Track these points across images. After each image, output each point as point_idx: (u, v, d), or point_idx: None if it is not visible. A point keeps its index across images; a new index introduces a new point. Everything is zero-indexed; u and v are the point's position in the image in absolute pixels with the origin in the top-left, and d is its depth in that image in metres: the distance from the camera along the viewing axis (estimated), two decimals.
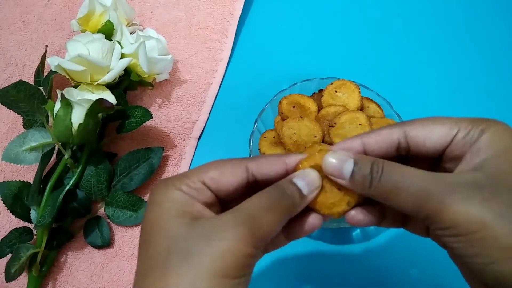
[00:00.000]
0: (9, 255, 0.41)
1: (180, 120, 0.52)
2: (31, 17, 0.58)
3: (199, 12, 0.59)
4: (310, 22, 0.59)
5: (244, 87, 0.54)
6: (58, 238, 0.43)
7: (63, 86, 0.46)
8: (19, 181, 0.44)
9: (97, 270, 0.44)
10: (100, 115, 0.44)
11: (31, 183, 0.43)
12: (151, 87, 0.53)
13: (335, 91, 0.44)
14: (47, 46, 0.51)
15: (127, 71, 0.48)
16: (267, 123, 0.47)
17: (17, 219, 0.44)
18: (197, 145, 0.51)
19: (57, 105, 0.43)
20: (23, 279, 0.43)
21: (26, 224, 0.44)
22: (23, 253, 0.40)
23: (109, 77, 0.44)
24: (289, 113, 0.43)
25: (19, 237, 0.43)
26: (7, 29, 0.58)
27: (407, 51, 0.56)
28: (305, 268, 0.44)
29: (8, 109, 0.44)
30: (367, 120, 0.41)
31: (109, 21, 0.48)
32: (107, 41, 0.47)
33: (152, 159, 0.46)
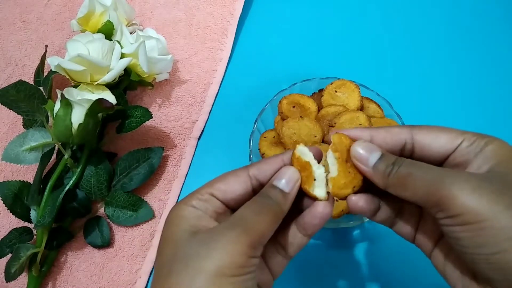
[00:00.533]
0: (9, 255, 0.41)
1: (180, 120, 0.52)
2: (31, 17, 0.58)
3: (199, 12, 0.59)
4: (310, 22, 0.59)
5: (244, 87, 0.54)
6: (58, 238, 0.43)
7: (63, 86, 0.46)
8: (19, 181, 0.44)
9: (97, 270, 0.44)
10: (100, 115, 0.44)
11: (31, 183, 0.43)
12: (151, 87, 0.53)
13: (335, 91, 0.44)
14: (47, 46, 0.51)
15: (127, 71, 0.48)
16: (267, 123, 0.47)
17: (17, 219, 0.44)
18: (197, 145, 0.51)
19: (57, 105, 0.43)
20: (23, 279, 0.43)
21: (26, 224, 0.44)
22: (23, 253, 0.40)
23: (109, 77, 0.44)
24: (289, 113, 0.43)
25: (19, 237, 0.43)
26: (7, 29, 0.58)
27: (407, 51, 0.56)
28: (305, 268, 0.44)
29: (8, 109, 0.44)
30: (367, 120, 0.41)
31: (109, 21, 0.48)
32: (107, 41, 0.47)
33: (152, 159, 0.46)
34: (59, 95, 0.43)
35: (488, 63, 0.55)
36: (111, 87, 0.46)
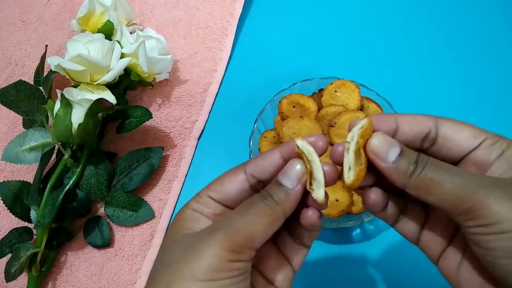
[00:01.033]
0: (9, 255, 0.41)
1: (180, 120, 0.52)
2: (31, 17, 0.58)
3: (199, 12, 0.59)
4: (310, 22, 0.59)
5: (244, 87, 0.54)
6: (58, 238, 0.43)
7: (63, 86, 0.46)
8: (19, 181, 0.44)
9: (97, 270, 0.44)
10: (100, 115, 0.44)
11: (31, 183, 0.43)
12: (151, 87, 0.53)
13: (335, 91, 0.44)
14: (47, 46, 0.51)
15: (127, 71, 0.48)
16: (267, 123, 0.47)
17: (17, 219, 0.44)
18: (197, 145, 0.51)
19: (57, 105, 0.43)
20: (23, 279, 0.43)
21: (26, 224, 0.44)
22: (23, 253, 0.40)
23: (109, 77, 0.44)
24: (289, 113, 0.43)
25: (19, 237, 0.43)
26: (7, 29, 0.58)
27: (407, 51, 0.56)
28: (304, 267, 0.44)
29: (8, 109, 0.44)
30: None
31: (109, 21, 0.48)
32: (107, 41, 0.47)
33: (152, 159, 0.46)
34: (59, 95, 0.43)
35: (488, 63, 0.55)
36: (111, 87, 0.46)
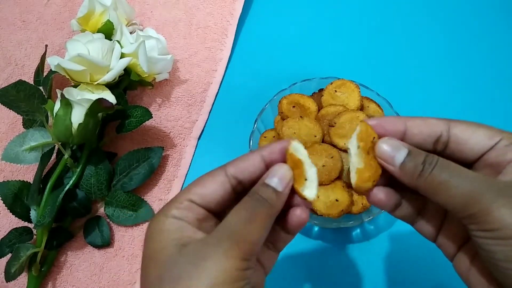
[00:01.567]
0: (9, 255, 0.41)
1: (180, 119, 0.52)
2: (31, 17, 0.58)
3: (199, 11, 0.59)
4: (310, 22, 0.59)
5: (244, 87, 0.54)
6: (58, 237, 0.43)
7: (63, 85, 0.46)
8: (19, 180, 0.44)
9: (97, 269, 0.44)
10: (100, 114, 0.44)
11: (31, 183, 0.43)
12: (151, 87, 0.53)
13: (335, 91, 0.44)
14: (47, 45, 0.51)
15: (127, 71, 0.48)
16: (267, 123, 0.47)
17: (17, 219, 0.44)
18: (197, 144, 0.51)
19: (57, 104, 0.43)
20: (23, 279, 0.43)
21: (26, 224, 0.44)
22: (23, 253, 0.40)
23: (109, 77, 0.44)
24: (289, 112, 0.43)
25: (19, 237, 0.43)
26: (7, 29, 0.58)
27: (407, 51, 0.56)
28: (304, 267, 0.44)
29: (8, 109, 0.44)
30: None
31: (109, 20, 0.48)
32: (107, 40, 0.47)
33: (152, 158, 0.46)
34: (59, 95, 0.43)
35: (489, 63, 0.55)
36: (111, 87, 0.46)
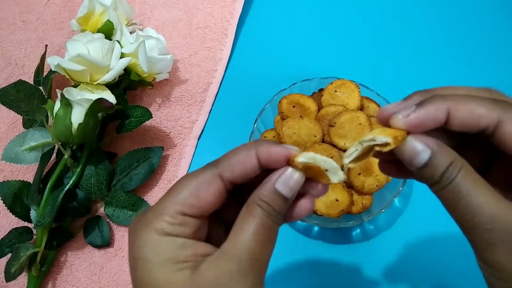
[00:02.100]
0: (9, 255, 0.41)
1: (180, 119, 0.52)
2: (31, 17, 0.58)
3: (199, 11, 0.59)
4: (310, 21, 0.59)
5: (244, 87, 0.54)
6: (58, 237, 0.43)
7: (63, 85, 0.46)
8: (19, 180, 0.44)
9: (97, 269, 0.44)
10: (100, 114, 0.44)
11: (31, 182, 0.43)
12: (151, 87, 0.53)
13: (335, 91, 0.44)
14: (46, 45, 0.51)
15: (127, 71, 0.48)
16: (267, 123, 0.47)
17: (17, 218, 0.44)
18: (197, 144, 0.51)
19: (57, 104, 0.43)
20: (23, 278, 0.43)
21: (26, 223, 0.44)
22: (23, 252, 0.40)
23: (109, 77, 0.44)
24: (289, 112, 0.43)
25: (19, 236, 0.43)
26: (6, 29, 0.58)
27: (407, 51, 0.56)
28: (305, 267, 0.44)
29: (8, 109, 0.44)
30: (367, 119, 0.41)
31: (109, 20, 0.48)
32: (107, 40, 0.47)
33: (152, 158, 0.46)
34: (59, 95, 0.43)
35: (489, 63, 0.55)
36: (111, 87, 0.46)
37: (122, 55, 0.47)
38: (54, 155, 0.45)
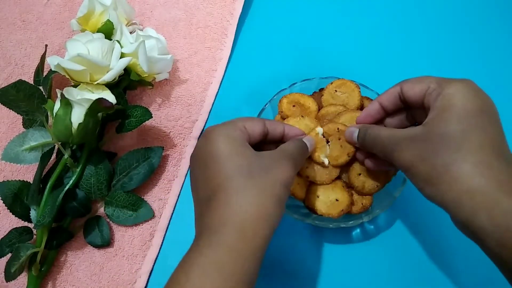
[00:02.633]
0: (9, 255, 0.41)
1: (180, 119, 0.52)
2: (31, 17, 0.58)
3: (199, 11, 0.59)
4: (310, 21, 0.59)
5: (244, 87, 0.54)
6: (58, 237, 0.43)
7: (63, 85, 0.46)
8: (19, 180, 0.44)
9: (97, 269, 0.44)
10: (99, 114, 0.44)
11: (31, 182, 0.43)
12: (151, 87, 0.53)
13: (335, 91, 0.44)
14: (46, 45, 0.51)
15: (127, 71, 0.48)
16: None
17: (17, 218, 0.44)
18: None
19: (57, 104, 0.43)
20: (23, 278, 0.43)
21: (26, 223, 0.44)
22: (23, 252, 0.40)
23: (108, 77, 0.44)
24: (289, 112, 0.43)
25: (19, 236, 0.43)
26: (6, 29, 0.58)
27: (407, 51, 0.56)
28: (305, 267, 0.44)
29: (7, 109, 0.44)
30: None
31: (108, 20, 0.48)
32: (107, 40, 0.47)
33: (151, 158, 0.46)
34: (59, 95, 0.43)
35: (489, 64, 0.55)
36: (111, 86, 0.46)
37: (122, 55, 0.47)
38: (54, 155, 0.45)
